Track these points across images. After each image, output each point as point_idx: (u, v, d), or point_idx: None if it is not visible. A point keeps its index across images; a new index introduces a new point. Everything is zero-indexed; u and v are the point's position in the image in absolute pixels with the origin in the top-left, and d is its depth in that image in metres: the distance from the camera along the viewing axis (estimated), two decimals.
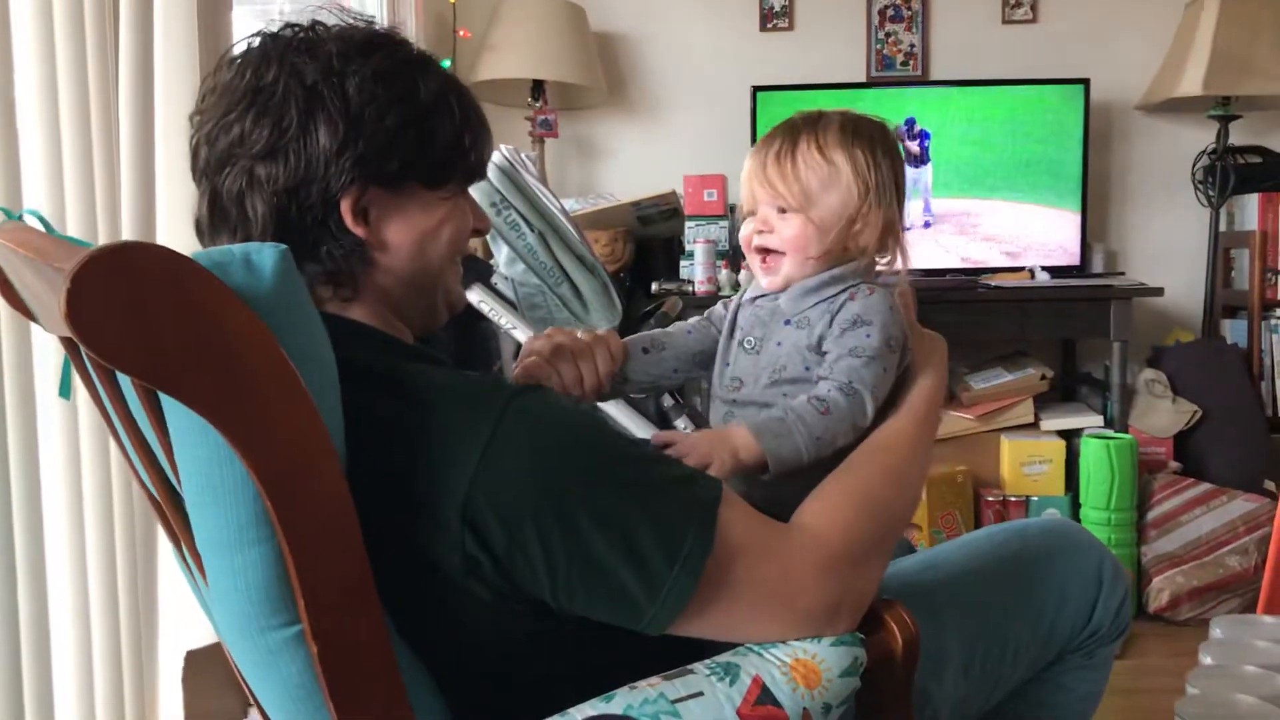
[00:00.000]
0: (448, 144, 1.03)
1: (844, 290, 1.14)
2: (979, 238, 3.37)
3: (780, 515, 1.00)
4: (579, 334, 1.16)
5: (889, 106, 3.34)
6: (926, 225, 3.36)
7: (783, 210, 1.16)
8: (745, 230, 1.19)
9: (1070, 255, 3.35)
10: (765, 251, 1.18)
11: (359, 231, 0.99)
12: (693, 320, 1.27)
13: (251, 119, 0.96)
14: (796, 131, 1.16)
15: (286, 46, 0.98)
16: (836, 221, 1.14)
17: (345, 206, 0.98)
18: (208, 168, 0.98)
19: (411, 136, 0.99)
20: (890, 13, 3.59)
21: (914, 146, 3.33)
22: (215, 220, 0.99)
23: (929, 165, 3.34)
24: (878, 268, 1.20)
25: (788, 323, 1.16)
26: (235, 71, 0.98)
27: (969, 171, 3.35)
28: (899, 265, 1.19)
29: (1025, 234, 3.35)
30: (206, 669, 1.83)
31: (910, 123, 3.33)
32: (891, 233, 1.16)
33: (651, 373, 1.21)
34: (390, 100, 0.98)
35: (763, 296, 1.21)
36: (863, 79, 3.59)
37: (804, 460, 1.06)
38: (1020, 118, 3.33)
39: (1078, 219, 3.33)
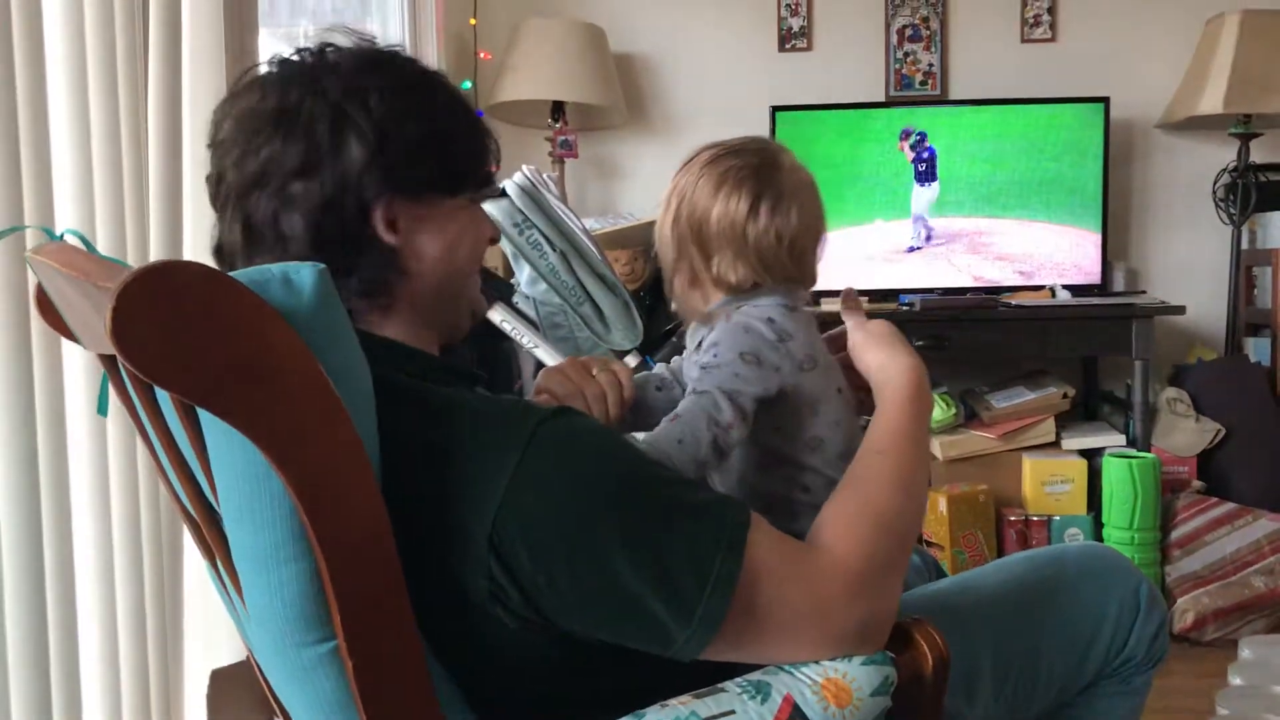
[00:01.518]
0: (465, 153, 1.06)
1: (709, 326, 1.17)
2: (997, 257, 3.37)
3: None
4: (594, 370, 1.18)
5: (907, 126, 3.34)
6: (910, 250, 3.37)
7: None
8: None
9: (1085, 274, 3.34)
10: None
11: (391, 240, 1.00)
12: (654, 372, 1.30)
13: (281, 140, 0.97)
14: None
15: (303, 68, 1.00)
16: (666, 253, 1.19)
17: (377, 217, 0.99)
18: (238, 192, 0.99)
19: (433, 146, 1.02)
20: (909, 32, 3.60)
21: (908, 153, 3.34)
22: (248, 243, 1.00)
23: (934, 185, 3.34)
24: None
25: (692, 358, 1.19)
26: (257, 97, 0.99)
27: (988, 191, 3.35)
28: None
29: (1042, 253, 3.35)
30: (231, 688, 1.83)
31: (912, 134, 3.34)
32: (698, 264, 1.17)
33: (666, 409, 1.21)
34: (410, 112, 1.00)
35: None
36: (881, 98, 3.60)
37: (683, 465, 1.06)
38: (1039, 137, 3.33)
39: (1097, 238, 3.33)
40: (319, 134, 0.97)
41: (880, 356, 1.15)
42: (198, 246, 1.76)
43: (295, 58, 1.01)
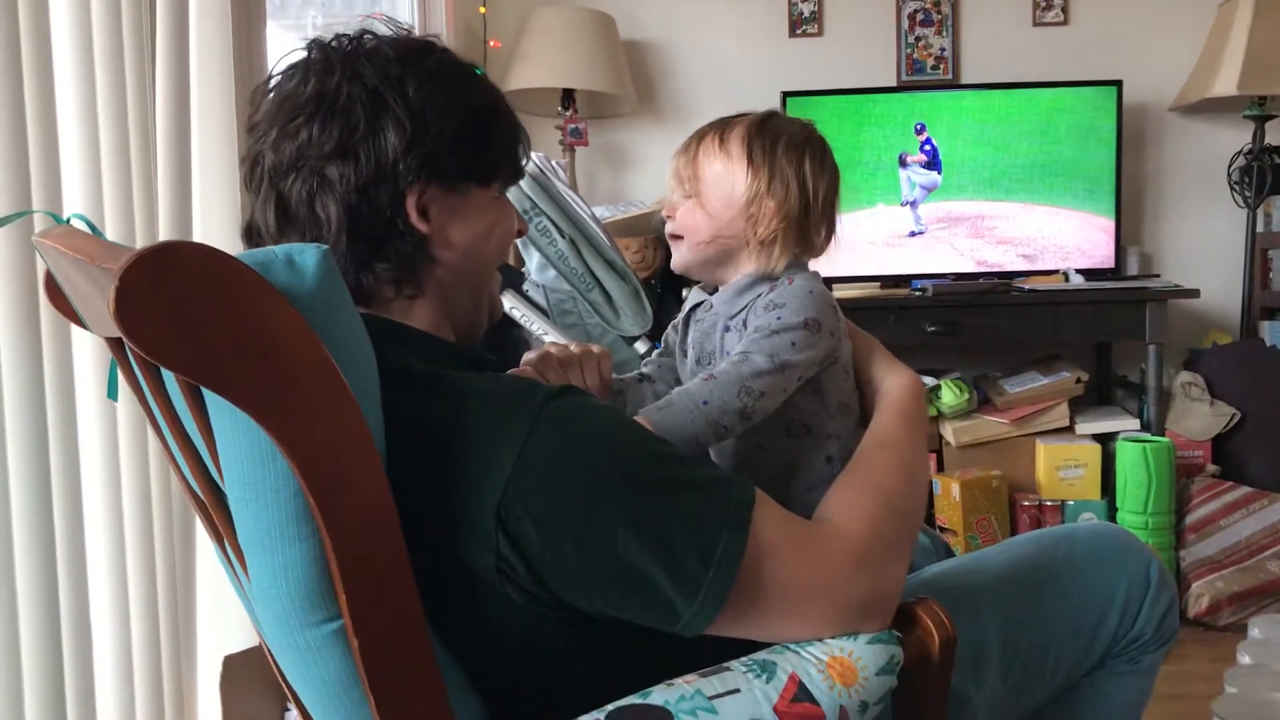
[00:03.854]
0: (500, 145, 1.07)
1: (769, 286, 1.18)
2: (1001, 240, 3.35)
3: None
4: (572, 347, 1.20)
5: (918, 110, 3.34)
6: (912, 235, 3.36)
7: (687, 198, 1.23)
8: None
9: (1098, 258, 3.32)
10: (674, 239, 1.25)
11: (423, 228, 1.01)
12: (656, 356, 1.31)
13: (319, 123, 0.98)
14: (706, 128, 1.24)
15: (345, 54, 1.01)
16: (726, 207, 1.20)
17: (410, 204, 1.00)
18: (273, 173, 1.00)
19: (470, 137, 1.03)
20: (920, 16, 3.58)
21: (920, 155, 3.34)
22: (281, 225, 1.01)
23: (935, 173, 3.34)
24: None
25: (727, 329, 1.19)
26: (297, 80, 1.00)
27: (1002, 175, 3.33)
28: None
29: (1045, 236, 3.34)
30: (245, 674, 1.85)
31: (921, 126, 3.34)
32: (796, 229, 1.20)
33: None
34: (449, 102, 1.01)
35: (699, 307, 1.26)
36: (893, 83, 3.58)
37: (698, 427, 1.08)
38: (1052, 120, 3.31)
39: (1111, 222, 3.31)
40: (356, 118, 0.98)
41: (883, 369, 1.21)
42: (207, 233, 1.76)
43: (334, 44, 1.02)
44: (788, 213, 1.18)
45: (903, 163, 3.34)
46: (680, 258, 1.24)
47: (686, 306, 1.28)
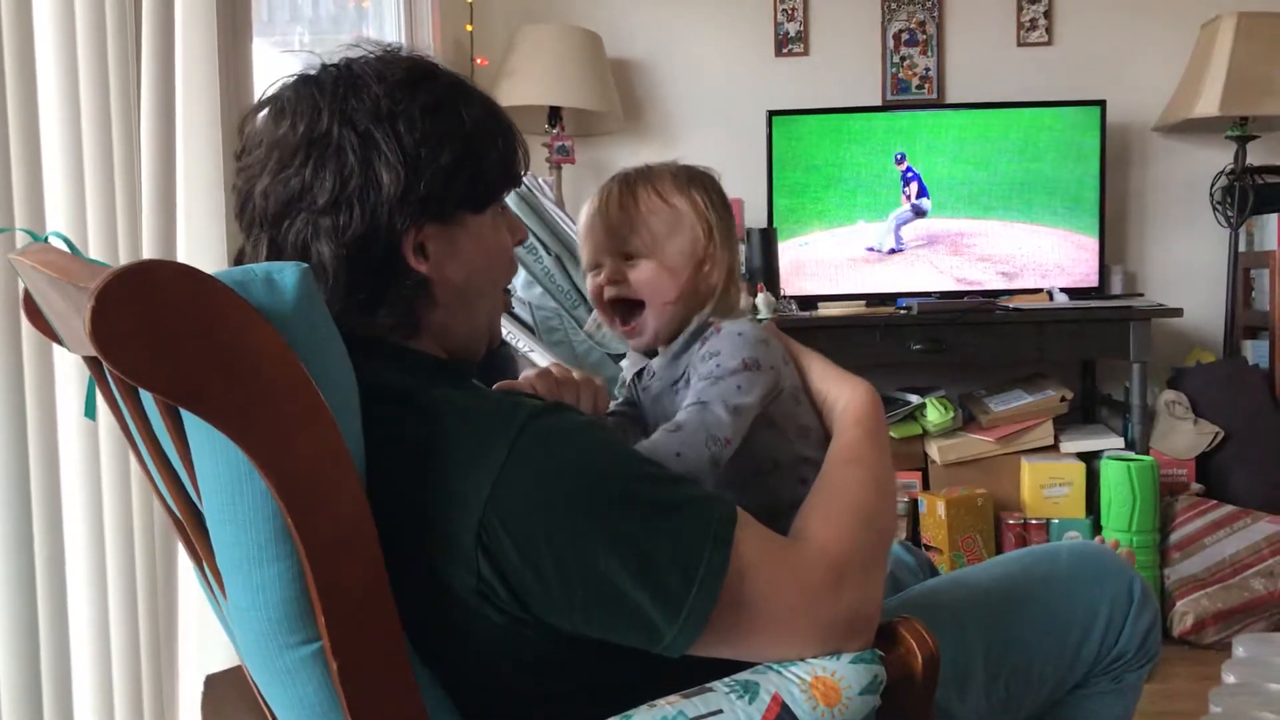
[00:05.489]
0: (496, 167, 1.04)
1: (700, 341, 1.17)
2: (993, 258, 3.37)
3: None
4: (574, 374, 1.19)
5: (903, 130, 3.35)
6: (892, 252, 3.38)
7: (629, 258, 1.19)
8: (591, 283, 1.22)
9: (1082, 277, 3.34)
10: (621, 306, 1.21)
11: (422, 268, 0.99)
12: (623, 404, 1.29)
13: (311, 171, 0.95)
14: (631, 181, 1.20)
15: (333, 93, 0.97)
16: (686, 264, 1.18)
17: (407, 246, 0.98)
18: (264, 218, 0.98)
19: (466, 169, 1.00)
20: (905, 36, 3.60)
21: (911, 186, 3.36)
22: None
23: (925, 199, 3.36)
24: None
25: (675, 389, 1.18)
26: (286, 125, 0.97)
27: (986, 193, 3.35)
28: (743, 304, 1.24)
29: (1039, 255, 3.36)
30: (226, 693, 1.83)
31: (901, 156, 3.37)
32: (734, 272, 1.21)
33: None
34: (442, 136, 0.98)
35: (641, 372, 1.24)
36: (878, 102, 3.60)
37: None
38: (1036, 140, 3.33)
39: (1094, 240, 3.33)
40: (349, 165, 0.95)
41: (833, 384, 1.20)
42: (191, 251, 1.76)
43: (326, 77, 0.99)
44: (731, 256, 1.20)
45: (920, 213, 3.36)
46: (648, 331, 1.20)
47: (628, 375, 1.26)
